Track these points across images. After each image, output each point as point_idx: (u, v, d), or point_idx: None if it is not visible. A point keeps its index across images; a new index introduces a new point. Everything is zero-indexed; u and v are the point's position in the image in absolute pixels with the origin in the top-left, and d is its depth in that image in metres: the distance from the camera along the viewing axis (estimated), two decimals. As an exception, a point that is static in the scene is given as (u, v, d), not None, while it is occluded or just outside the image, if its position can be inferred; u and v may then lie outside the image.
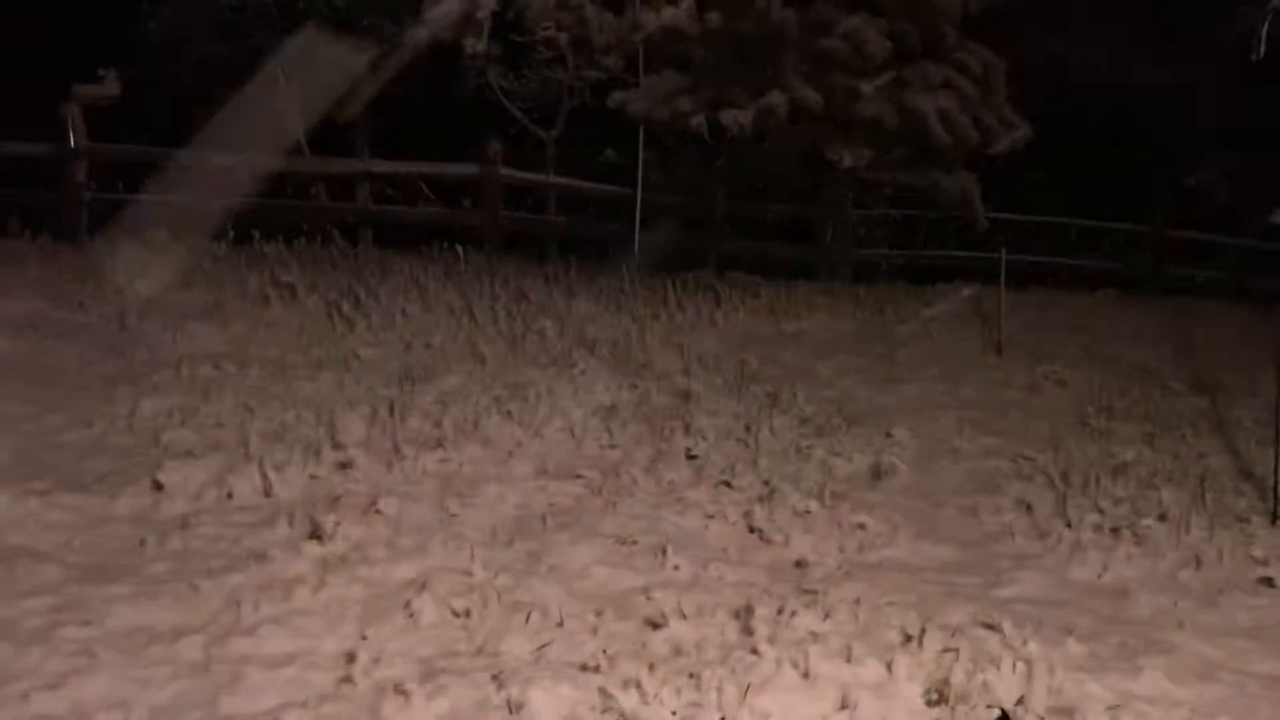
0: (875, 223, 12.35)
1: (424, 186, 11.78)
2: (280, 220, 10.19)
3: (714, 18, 9.76)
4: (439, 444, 5.20)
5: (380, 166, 11.57)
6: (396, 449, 5.05)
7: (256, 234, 9.37)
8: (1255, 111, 11.14)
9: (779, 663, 3.28)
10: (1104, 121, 12.50)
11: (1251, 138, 11.58)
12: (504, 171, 10.72)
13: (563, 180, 11.69)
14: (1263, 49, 5.61)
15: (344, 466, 4.84)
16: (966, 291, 9.74)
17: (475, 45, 4.73)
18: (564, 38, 9.99)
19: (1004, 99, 10.26)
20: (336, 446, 5.02)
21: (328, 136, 11.38)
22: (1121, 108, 12.28)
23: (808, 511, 4.87)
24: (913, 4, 9.73)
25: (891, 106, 9.75)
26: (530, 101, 11.70)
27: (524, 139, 12.19)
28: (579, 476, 5.04)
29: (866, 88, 9.55)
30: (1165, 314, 10.18)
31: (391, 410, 5.59)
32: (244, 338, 6.90)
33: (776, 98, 9.45)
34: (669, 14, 9.61)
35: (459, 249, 9.84)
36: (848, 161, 9.92)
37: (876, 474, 5.59)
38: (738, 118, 9.44)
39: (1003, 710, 3.11)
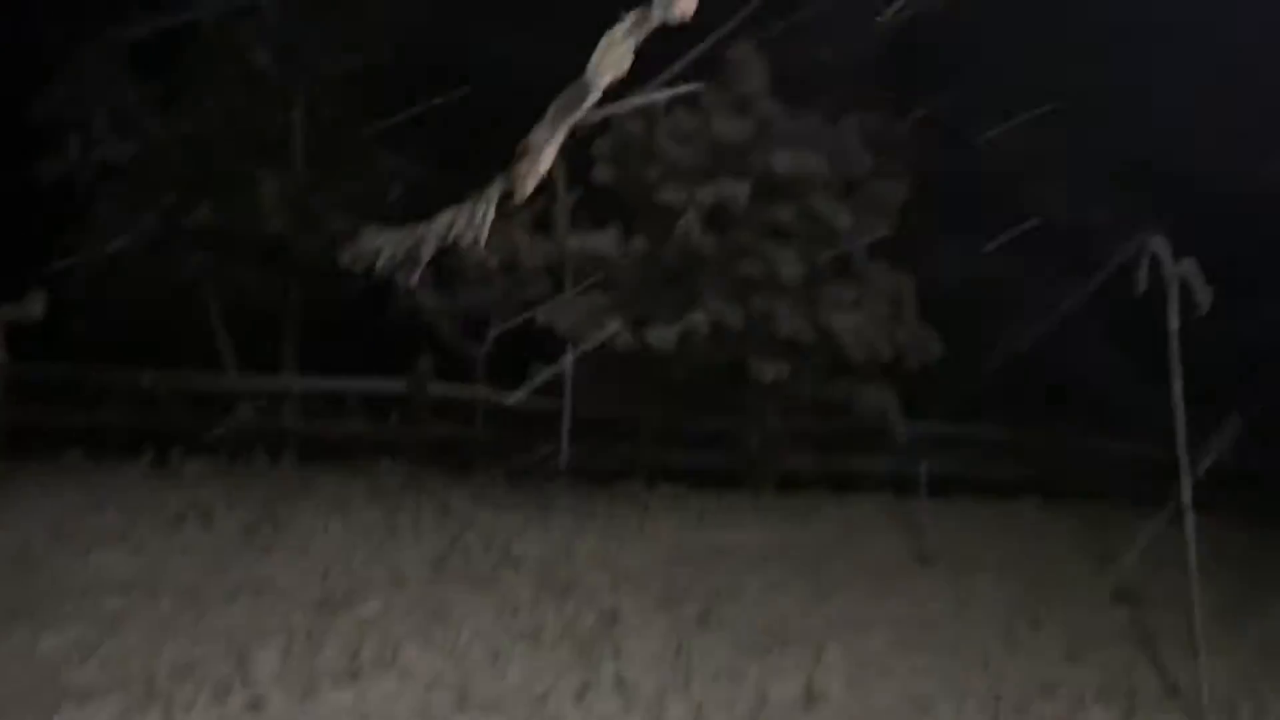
0: (798, 433, 12.58)
1: (350, 402, 11.76)
2: (200, 438, 10.05)
3: (638, 243, 10.25)
4: (355, 677, 5.01)
5: (306, 383, 11.58)
6: (311, 684, 4.85)
7: (176, 452, 9.22)
8: None
9: None
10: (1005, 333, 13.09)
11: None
12: (432, 386, 10.81)
13: (491, 395, 11.79)
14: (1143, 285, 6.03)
15: (254, 706, 4.62)
16: None
17: (412, 279, 4.87)
18: (495, 260, 10.37)
19: (914, 315, 10.76)
20: (247, 683, 4.80)
21: (255, 352, 11.42)
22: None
23: (741, 742, 4.74)
24: (823, 230, 10.31)
25: (807, 324, 10.18)
26: (459, 318, 11.94)
27: (452, 354, 12.34)
28: (502, 711, 4.87)
29: (783, 307, 9.97)
30: (1084, 522, 10.39)
31: (308, 640, 5.39)
32: (156, 564, 6.67)
33: (698, 317, 9.83)
34: (595, 240, 10.05)
35: (384, 463, 9.76)
36: (768, 376, 10.21)
37: (810, 697, 5.49)
38: (662, 336, 9.75)
39: None
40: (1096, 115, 11.42)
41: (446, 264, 10.95)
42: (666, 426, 11.89)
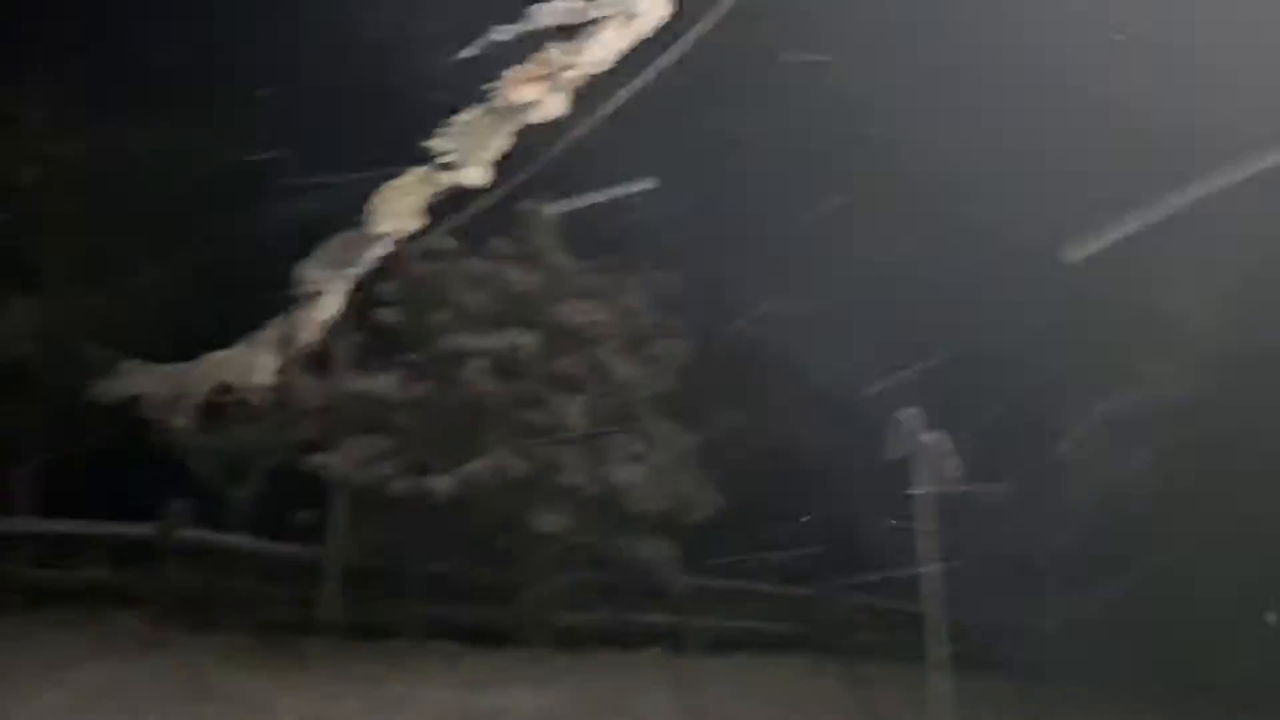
0: (577, 587, 12.40)
1: (92, 548, 10.70)
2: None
3: (421, 387, 10.03)
4: None
5: (43, 526, 10.48)
6: None
7: None
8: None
9: None
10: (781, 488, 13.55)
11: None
12: (185, 533, 10.00)
13: (251, 542, 11.02)
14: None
15: None
16: None
17: (177, 421, 4.55)
18: (263, 401, 9.83)
19: (692, 471, 10.97)
20: None
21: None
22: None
23: None
24: (609, 384, 10.45)
25: (591, 475, 10.17)
26: (222, 459, 11.21)
27: (211, 497, 11.52)
28: None
29: (567, 458, 9.94)
30: (853, 680, 10.64)
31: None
32: None
33: (480, 465, 9.63)
34: (375, 381, 9.77)
35: (124, 616, 8.85)
36: (549, 527, 10.07)
37: None
38: (441, 484, 9.47)
39: None
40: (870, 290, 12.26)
41: (212, 402, 10.34)
42: (442, 579, 11.45)
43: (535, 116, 2.49)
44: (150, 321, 10.79)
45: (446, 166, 2.87)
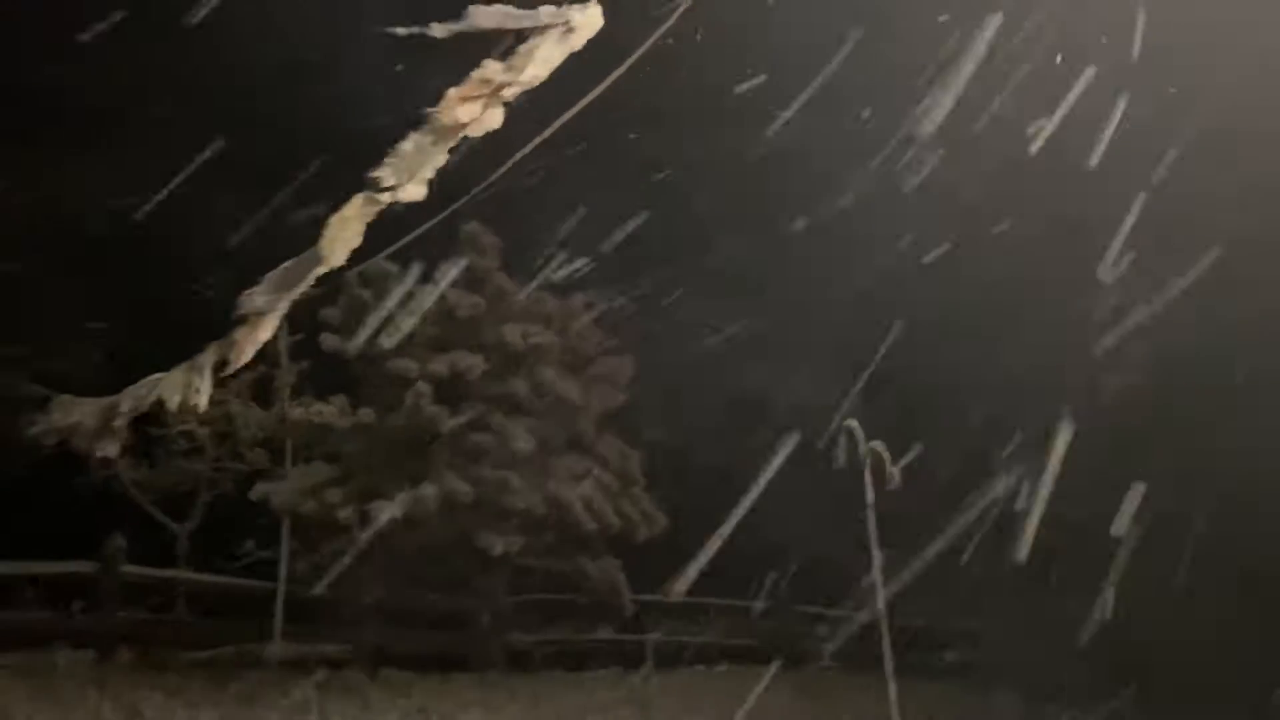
0: (528, 608, 12.36)
1: (28, 588, 10.42)
2: None
3: (366, 413, 9.96)
4: None
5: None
6: None
7: None
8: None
9: None
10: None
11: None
12: (126, 569, 9.79)
13: (194, 575, 10.84)
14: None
15: None
16: None
17: (109, 450, 4.44)
18: (205, 431, 9.72)
19: (641, 489, 11.01)
20: None
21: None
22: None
23: None
24: (554, 404, 10.47)
25: (539, 496, 10.15)
26: (163, 492, 11.02)
27: (153, 530, 11.31)
28: None
29: (515, 479, 9.92)
30: (803, 687, 10.72)
31: None
32: None
33: (427, 489, 9.58)
34: (319, 409, 9.67)
35: (63, 656, 8.63)
36: (498, 549, 10.03)
37: None
38: (388, 509, 9.39)
39: None
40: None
41: (149, 434, 10.17)
42: (391, 605, 11.33)
43: (473, 130, 2.52)
44: (89, 359, 10.61)
45: (387, 189, 2.89)
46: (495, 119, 2.46)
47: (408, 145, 2.53)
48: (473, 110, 2.43)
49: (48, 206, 10.96)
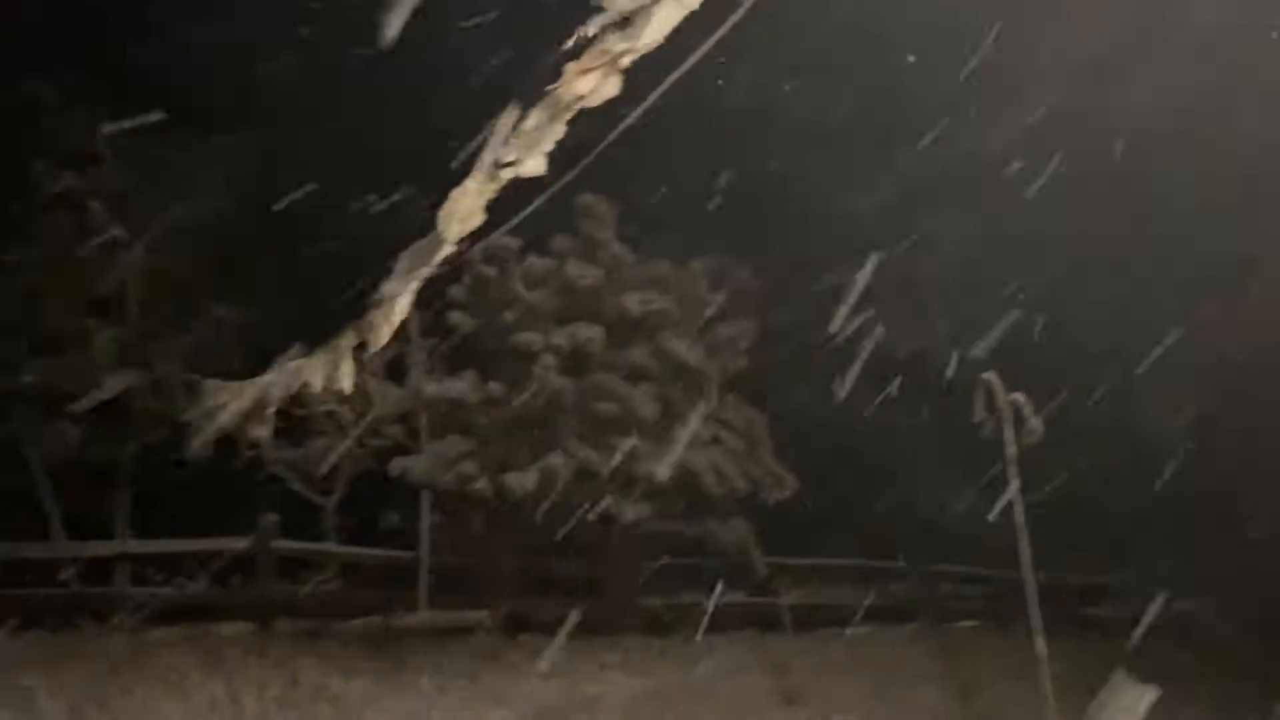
0: (661, 573, 12.49)
1: (190, 564, 11.08)
2: (22, 611, 9.24)
3: (495, 387, 10.18)
4: None
5: (141, 546, 10.87)
6: None
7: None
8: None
9: None
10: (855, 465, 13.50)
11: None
12: (278, 543, 10.30)
13: (342, 548, 11.33)
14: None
15: None
16: None
17: (261, 432, 4.67)
18: (346, 410, 10.11)
19: (768, 451, 10.97)
20: None
21: (82, 515, 10.70)
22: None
23: None
24: (677, 370, 10.50)
25: (666, 462, 10.21)
26: (309, 470, 11.52)
27: (301, 506, 11.86)
28: None
29: (641, 446, 10.01)
30: (943, 647, 10.56)
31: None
32: (-38, 761, 5.98)
33: (557, 459, 9.75)
34: (451, 385, 9.93)
35: (226, 629, 9.15)
36: (629, 516, 10.15)
37: None
38: (520, 480, 9.61)
39: None
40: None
41: (294, 414, 10.63)
42: (526, 574, 11.63)
43: (592, 101, 2.54)
44: (234, 345, 11.15)
45: (507, 165, 2.93)
46: (613, 87, 2.46)
47: (529, 122, 2.56)
48: (591, 81, 2.44)
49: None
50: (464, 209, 3.51)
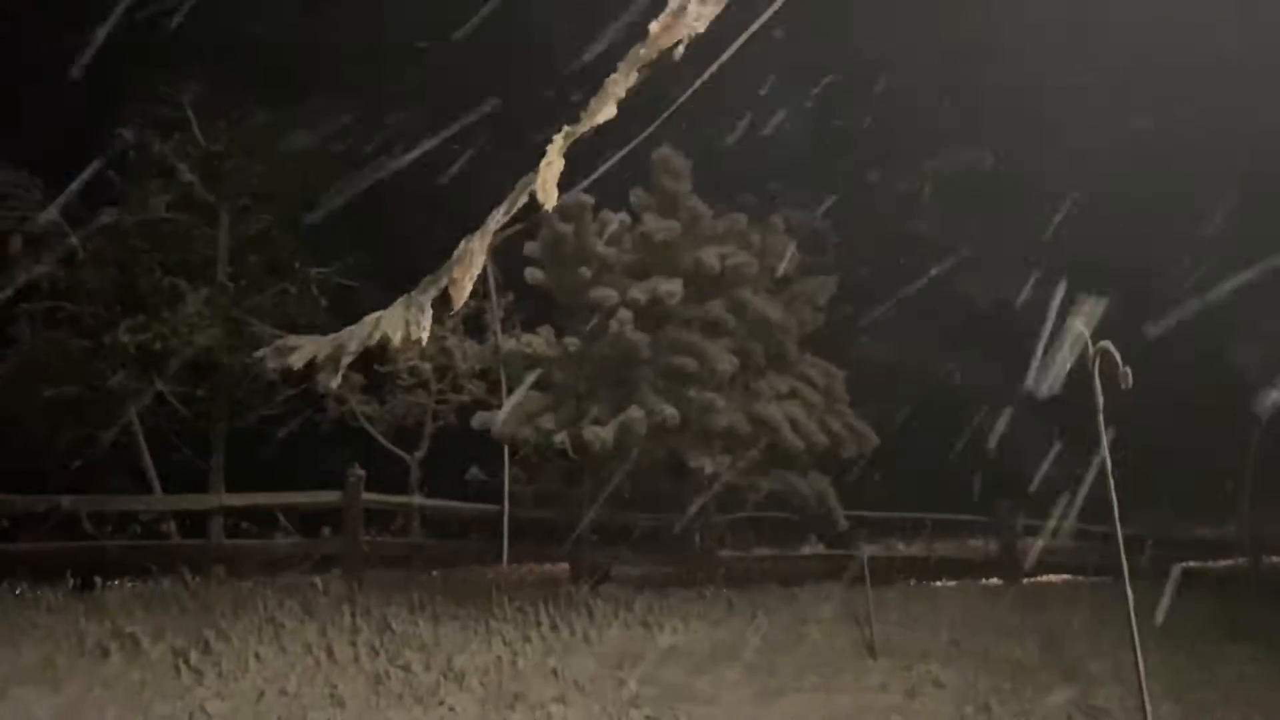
0: (740, 526, 12.56)
1: (281, 517, 11.48)
2: (125, 562, 9.68)
3: (572, 342, 10.25)
4: (294, 811, 4.75)
5: (235, 499, 11.27)
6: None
7: (99, 579, 8.85)
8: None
9: None
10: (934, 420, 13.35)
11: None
12: (366, 496, 10.58)
13: (427, 501, 11.60)
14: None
15: None
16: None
17: (331, 381, 4.78)
18: (428, 366, 10.28)
19: (847, 405, 10.89)
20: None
21: (178, 470, 11.12)
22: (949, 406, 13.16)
23: None
24: (755, 324, 10.45)
25: (744, 416, 10.22)
26: (393, 425, 11.80)
27: (387, 461, 12.16)
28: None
29: (719, 400, 10.01)
30: (1024, 600, 10.45)
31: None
32: (77, 701, 6.31)
33: (635, 413, 9.80)
34: (529, 340, 10.02)
35: (318, 580, 9.47)
36: (708, 469, 10.19)
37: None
38: (599, 434, 9.70)
39: None
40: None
41: (379, 371, 10.87)
42: (607, 526, 11.79)
43: (666, 54, 2.54)
44: (316, 303, 11.40)
45: (581, 118, 2.95)
46: (691, 28, 2.46)
47: (612, 79, 2.58)
48: (673, 36, 2.44)
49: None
50: (553, 169, 3.54)
